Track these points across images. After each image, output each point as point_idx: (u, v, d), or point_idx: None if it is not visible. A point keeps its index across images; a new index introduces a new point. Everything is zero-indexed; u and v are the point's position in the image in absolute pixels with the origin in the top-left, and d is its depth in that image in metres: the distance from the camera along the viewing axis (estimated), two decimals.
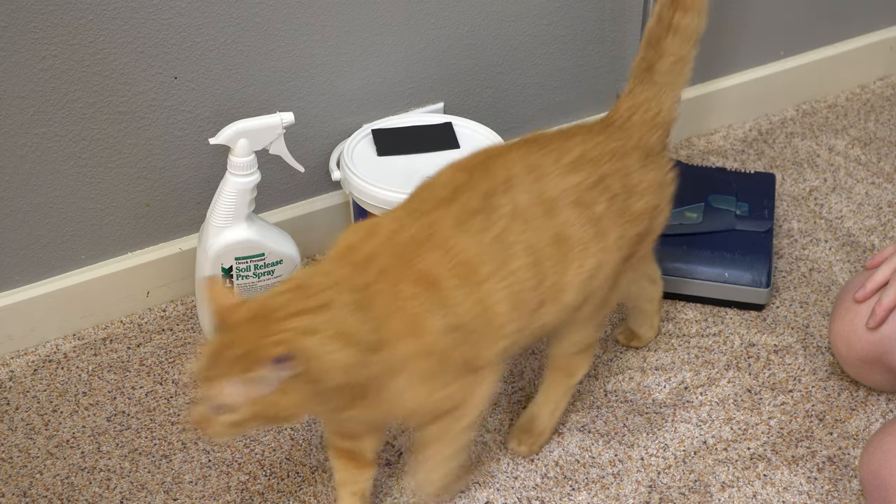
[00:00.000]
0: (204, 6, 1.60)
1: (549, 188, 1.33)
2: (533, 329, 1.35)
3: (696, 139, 2.09)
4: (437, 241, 1.28)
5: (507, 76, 1.87)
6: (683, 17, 1.41)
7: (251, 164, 1.60)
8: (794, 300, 1.77)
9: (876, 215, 1.92)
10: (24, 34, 1.50)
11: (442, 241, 1.28)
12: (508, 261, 1.30)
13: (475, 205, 1.31)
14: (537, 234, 1.32)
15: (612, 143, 1.40)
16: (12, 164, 1.58)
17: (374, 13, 1.72)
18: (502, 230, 1.30)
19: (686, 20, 1.42)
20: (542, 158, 1.35)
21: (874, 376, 1.59)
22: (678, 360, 1.68)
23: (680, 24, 1.41)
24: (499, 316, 1.30)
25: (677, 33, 1.42)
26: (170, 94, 1.63)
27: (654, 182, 1.42)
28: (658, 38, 1.42)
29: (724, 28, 2.03)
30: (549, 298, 1.33)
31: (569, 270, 1.33)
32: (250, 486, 1.51)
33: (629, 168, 1.39)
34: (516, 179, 1.33)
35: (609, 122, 1.43)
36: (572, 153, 1.36)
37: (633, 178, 1.39)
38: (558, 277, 1.33)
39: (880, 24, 2.20)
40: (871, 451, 1.39)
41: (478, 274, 1.28)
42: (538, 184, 1.33)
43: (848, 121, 2.13)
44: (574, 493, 1.51)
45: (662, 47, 1.43)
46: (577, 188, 1.34)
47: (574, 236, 1.33)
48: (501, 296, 1.29)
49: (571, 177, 1.35)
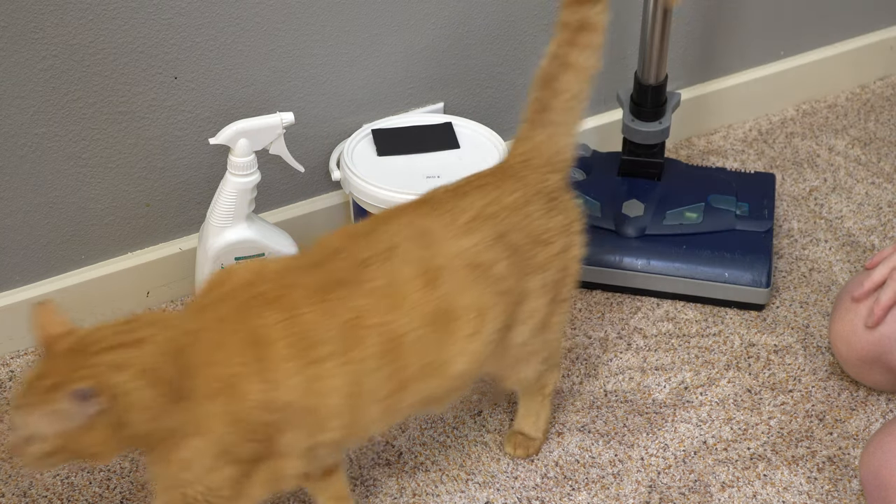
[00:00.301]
0: (204, 6, 1.60)
1: (439, 255, 1.27)
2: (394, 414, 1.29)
3: (696, 139, 2.09)
4: (284, 304, 1.21)
5: (507, 76, 1.87)
6: (580, 55, 1.36)
7: (251, 164, 1.60)
8: (794, 300, 1.77)
9: (876, 215, 1.93)
10: (24, 34, 1.50)
11: (290, 305, 1.21)
12: (357, 346, 1.22)
13: (342, 275, 1.24)
14: (407, 315, 1.24)
15: (511, 195, 1.33)
16: (12, 164, 1.58)
17: (374, 13, 1.72)
18: (361, 309, 1.22)
19: (582, 58, 1.36)
20: (434, 222, 1.29)
21: (874, 376, 1.59)
22: (678, 360, 1.68)
23: (576, 62, 1.36)
24: (327, 408, 1.22)
25: (573, 70, 1.36)
26: (170, 94, 1.63)
27: (561, 226, 1.36)
28: (553, 77, 1.37)
29: (724, 28, 2.03)
30: (419, 380, 1.26)
31: (454, 343, 1.27)
32: None
33: (532, 217, 1.34)
34: (400, 249, 1.26)
35: (505, 171, 1.37)
36: (467, 213, 1.30)
37: (537, 226, 1.34)
38: (436, 355, 1.26)
39: (880, 24, 2.20)
40: (871, 451, 1.39)
41: (316, 352, 1.20)
42: (426, 251, 1.27)
43: (848, 121, 2.13)
44: (574, 493, 1.51)
45: (557, 85, 1.37)
46: (473, 250, 1.28)
47: (463, 304, 1.26)
48: (337, 384, 1.21)
49: (466, 239, 1.28)
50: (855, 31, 2.17)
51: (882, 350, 1.54)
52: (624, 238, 1.77)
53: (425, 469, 1.53)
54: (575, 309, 1.75)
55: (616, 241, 1.76)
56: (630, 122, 1.81)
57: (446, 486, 1.52)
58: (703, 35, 2.02)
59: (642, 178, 1.84)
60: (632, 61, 1.88)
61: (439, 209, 1.30)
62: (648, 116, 1.80)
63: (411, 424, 1.58)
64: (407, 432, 1.57)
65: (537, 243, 1.34)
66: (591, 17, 1.34)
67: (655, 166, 1.83)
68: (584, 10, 1.34)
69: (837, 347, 1.59)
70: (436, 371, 1.27)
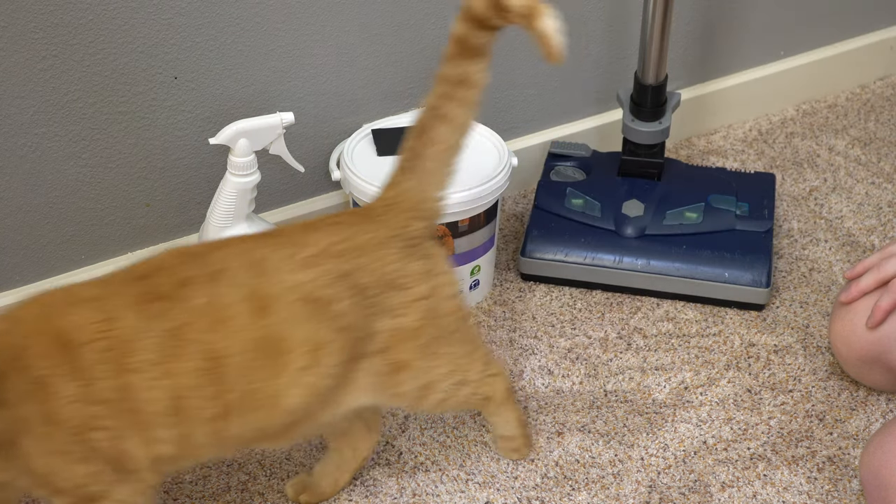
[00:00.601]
0: (204, 6, 1.60)
1: (271, 284, 1.25)
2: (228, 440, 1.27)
3: (696, 139, 2.09)
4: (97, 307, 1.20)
5: (506, 76, 1.87)
6: (456, 109, 1.33)
7: (251, 164, 1.60)
8: (794, 300, 1.77)
9: (876, 215, 1.93)
10: (24, 34, 1.50)
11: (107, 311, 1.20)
12: (176, 359, 1.21)
13: (164, 291, 1.22)
14: (231, 337, 1.23)
15: (365, 235, 1.31)
16: (12, 164, 1.58)
17: (374, 13, 1.72)
18: (182, 324, 1.21)
19: (458, 112, 1.34)
20: (273, 253, 1.27)
21: (874, 376, 1.59)
22: (678, 360, 1.68)
23: (452, 115, 1.34)
24: (149, 415, 1.21)
25: (448, 123, 1.34)
26: (170, 94, 1.63)
27: (420, 272, 1.33)
28: (428, 128, 1.35)
29: (724, 28, 2.03)
30: (248, 408, 1.25)
31: (285, 375, 1.25)
32: (250, 486, 1.51)
33: (385, 260, 1.31)
34: (228, 273, 1.24)
35: (365, 213, 1.35)
36: (311, 248, 1.28)
37: (391, 270, 1.32)
38: (264, 384, 1.25)
39: (880, 24, 2.20)
40: (871, 451, 1.39)
41: (131, 358, 1.19)
42: (257, 280, 1.25)
43: (848, 121, 2.13)
44: (574, 493, 1.51)
45: (431, 136, 1.35)
46: (311, 285, 1.26)
47: (296, 337, 1.25)
48: (157, 394, 1.21)
49: (304, 273, 1.26)
50: (855, 31, 2.17)
51: (882, 350, 1.54)
52: (624, 238, 1.77)
53: (425, 469, 1.53)
54: (575, 309, 1.75)
55: (616, 241, 1.77)
56: (630, 122, 1.81)
57: (446, 486, 1.52)
58: (703, 35, 2.02)
59: (642, 178, 1.84)
60: (632, 61, 1.88)
61: (282, 241, 1.29)
62: (648, 116, 1.80)
63: (411, 424, 1.58)
64: (407, 432, 1.57)
65: (390, 287, 1.31)
66: (471, 73, 1.32)
67: (655, 166, 1.83)
68: (465, 66, 1.32)
69: (837, 347, 1.59)
70: (266, 402, 1.25)
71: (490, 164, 1.71)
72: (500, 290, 1.78)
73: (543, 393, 1.63)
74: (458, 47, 1.31)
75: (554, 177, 1.85)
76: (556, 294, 1.78)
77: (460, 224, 1.67)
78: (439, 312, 1.36)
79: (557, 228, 1.78)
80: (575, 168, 1.87)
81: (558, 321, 1.73)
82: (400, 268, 1.32)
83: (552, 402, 1.62)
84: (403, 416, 1.59)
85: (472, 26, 1.29)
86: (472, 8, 1.28)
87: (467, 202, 1.65)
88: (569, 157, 1.88)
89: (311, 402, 1.29)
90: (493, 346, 1.69)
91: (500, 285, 1.79)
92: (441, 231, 1.66)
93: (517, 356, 1.68)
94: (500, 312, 1.75)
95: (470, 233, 1.69)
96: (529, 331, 1.72)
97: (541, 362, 1.67)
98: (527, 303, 1.76)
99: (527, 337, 1.71)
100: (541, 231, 1.78)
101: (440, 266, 1.36)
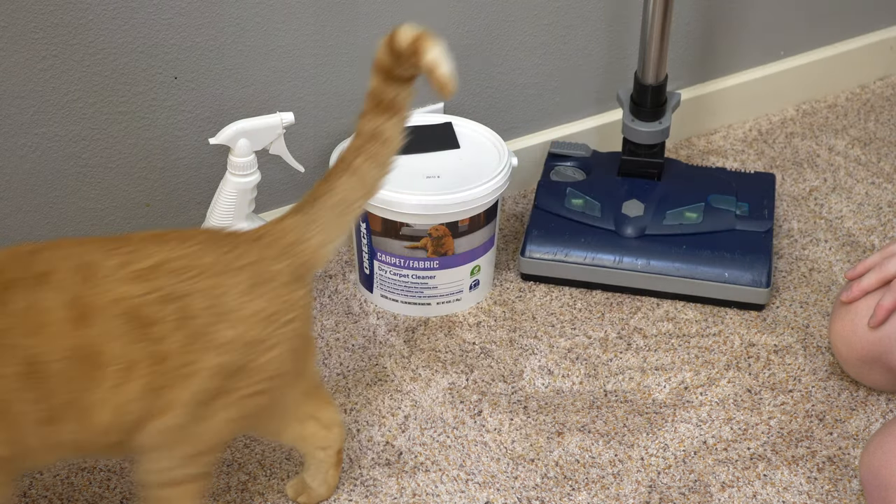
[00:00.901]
0: (204, 6, 1.60)
1: (96, 294, 1.19)
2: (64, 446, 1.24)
3: (696, 139, 2.09)
4: None
5: (507, 76, 1.88)
6: (364, 163, 1.31)
7: (251, 164, 1.60)
8: (794, 300, 1.77)
9: (876, 215, 1.93)
10: (24, 34, 1.50)
11: None
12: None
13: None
14: (48, 343, 1.18)
15: (209, 256, 1.23)
16: (12, 164, 1.58)
17: (374, 13, 1.72)
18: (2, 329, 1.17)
19: (366, 166, 1.31)
20: (105, 260, 1.21)
21: (874, 376, 1.59)
22: (678, 360, 1.68)
23: (359, 169, 1.31)
24: None
25: (354, 176, 1.31)
26: (170, 94, 1.63)
27: (258, 312, 1.24)
28: (334, 176, 1.32)
29: (724, 28, 2.03)
30: (69, 417, 1.21)
31: (97, 389, 1.20)
32: (250, 486, 1.51)
33: (225, 291, 1.23)
34: (54, 277, 1.19)
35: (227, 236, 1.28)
36: (147, 260, 1.21)
37: (227, 301, 1.23)
38: (78, 395, 1.20)
39: (880, 24, 2.20)
40: (871, 451, 1.39)
41: None
42: (82, 286, 1.19)
43: (848, 121, 2.13)
44: (574, 493, 1.51)
45: (334, 185, 1.31)
46: (138, 300, 1.20)
47: (111, 353, 1.19)
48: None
49: (132, 286, 1.20)
50: (855, 31, 2.17)
51: (882, 350, 1.54)
52: (624, 238, 1.77)
53: (425, 469, 1.53)
54: (575, 309, 1.75)
55: (616, 241, 1.77)
56: (630, 122, 1.81)
57: (446, 486, 1.52)
58: (703, 35, 2.02)
59: (642, 178, 1.84)
60: (632, 61, 1.88)
61: (119, 248, 1.23)
62: (648, 116, 1.80)
63: (411, 424, 1.58)
64: (407, 432, 1.57)
65: (222, 321, 1.23)
66: (384, 128, 1.30)
67: (655, 166, 1.83)
68: (378, 121, 1.30)
69: (837, 347, 1.59)
70: (79, 414, 1.21)
71: (490, 164, 1.71)
72: (500, 290, 1.79)
73: (543, 393, 1.63)
74: (371, 102, 1.30)
75: (554, 177, 1.85)
76: (556, 294, 1.78)
77: (460, 224, 1.67)
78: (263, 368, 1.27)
79: (557, 228, 1.78)
80: (575, 168, 1.87)
81: (558, 321, 1.73)
82: (238, 303, 1.24)
83: (552, 402, 1.62)
84: (403, 416, 1.59)
85: (382, 80, 1.28)
86: (378, 59, 1.27)
87: (467, 202, 1.65)
88: (569, 157, 1.88)
89: (121, 423, 1.23)
90: (494, 346, 1.69)
91: (500, 285, 1.79)
92: (441, 231, 1.67)
93: (517, 356, 1.68)
94: (500, 312, 1.75)
95: (470, 233, 1.69)
96: (529, 331, 1.72)
97: (541, 362, 1.67)
98: (527, 303, 1.76)
99: (527, 337, 1.71)
100: (541, 231, 1.78)
101: (288, 319, 1.27)
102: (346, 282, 1.79)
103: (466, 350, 1.69)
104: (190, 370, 1.23)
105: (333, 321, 1.72)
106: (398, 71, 1.27)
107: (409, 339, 1.70)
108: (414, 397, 1.62)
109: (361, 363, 1.66)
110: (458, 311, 1.75)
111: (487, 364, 1.67)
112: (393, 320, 1.73)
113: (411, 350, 1.68)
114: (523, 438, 1.57)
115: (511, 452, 1.55)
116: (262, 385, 1.28)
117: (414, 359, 1.67)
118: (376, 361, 1.67)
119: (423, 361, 1.67)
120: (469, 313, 1.74)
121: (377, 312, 1.74)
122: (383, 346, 1.69)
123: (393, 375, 1.65)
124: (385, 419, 1.59)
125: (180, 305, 1.21)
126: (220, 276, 1.23)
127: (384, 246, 1.69)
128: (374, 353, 1.68)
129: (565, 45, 1.90)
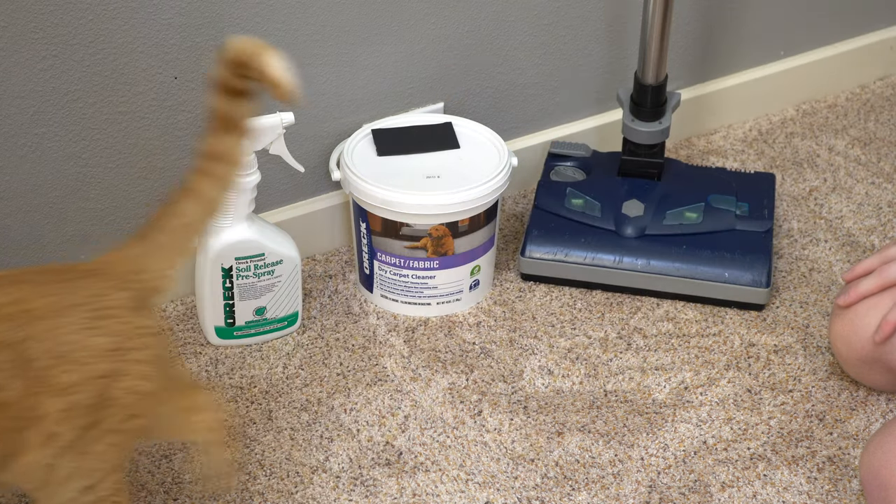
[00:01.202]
0: (204, 6, 1.60)
1: None
2: None
3: (696, 139, 2.09)
4: None
5: (507, 76, 1.88)
6: (204, 184, 1.27)
7: (251, 164, 1.60)
8: (794, 300, 1.77)
9: (876, 215, 1.93)
10: (24, 34, 1.50)
11: None
12: None
13: None
14: None
15: (43, 299, 1.18)
16: (12, 164, 1.58)
17: (374, 13, 1.72)
18: None
19: (207, 187, 1.27)
20: None
21: (874, 376, 1.59)
22: (678, 360, 1.68)
23: (200, 190, 1.27)
24: None
25: (194, 198, 1.27)
26: (170, 94, 1.63)
27: (104, 348, 1.19)
28: (174, 200, 1.27)
29: (724, 28, 2.03)
30: None
31: None
32: (250, 486, 1.51)
33: (63, 329, 1.17)
34: None
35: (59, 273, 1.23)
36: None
37: (67, 341, 1.17)
38: None
39: (880, 24, 2.20)
40: (871, 451, 1.39)
41: None
42: None
43: (848, 121, 2.13)
44: (574, 493, 1.51)
45: (175, 208, 1.27)
46: None
47: None
48: None
49: None
50: (855, 31, 2.17)
51: (882, 350, 1.54)
52: (624, 238, 1.77)
53: (425, 469, 1.53)
54: (575, 309, 1.75)
55: (616, 241, 1.77)
56: (630, 122, 1.81)
57: (446, 486, 1.52)
58: (703, 35, 2.02)
59: (642, 178, 1.84)
60: (632, 61, 1.88)
61: None
62: (648, 116, 1.80)
63: (411, 424, 1.58)
64: (407, 432, 1.57)
65: (64, 360, 1.17)
66: (227, 148, 1.27)
67: (655, 166, 1.83)
68: (218, 140, 1.27)
69: (837, 347, 1.59)
70: None
71: (490, 164, 1.71)
72: (500, 290, 1.79)
73: (543, 393, 1.63)
74: (210, 122, 1.27)
75: (554, 177, 1.85)
76: (556, 294, 1.78)
77: (460, 224, 1.67)
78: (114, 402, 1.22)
79: (557, 228, 1.78)
80: (575, 168, 1.87)
81: (558, 321, 1.73)
82: (79, 340, 1.18)
83: (552, 402, 1.62)
84: (403, 416, 1.59)
85: (224, 96, 1.25)
86: (215, 77, 1.24)
87: (467, 202, 1.65)
88: (569, 157, 1.88)
89: None
90: (494, 346, 1.69)
91: (500, 285, 1.79)
92: (441, 231, 1.67)
93: (517, 356, 1.68)
94: (500, 312, 1.75)
95: (470, 233, 1.69)
96: (529, 331, 1.72)
97: (541, 362, 1.67)
98: (527, 303, 1.76)
99: (527, 337, 1.71)
100: (541, 231, 1.78)
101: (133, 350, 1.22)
102: (346, 282, 1.79)
103: (466, 350, 1.69)
104: (35, 414, 1.17)
105: (333, 321, 1.72)
106: (235, 83, 1.24)
107: (409, 339, 1.70)
108: (414, 397, 1.62)
109: (361, 363, 1.66)
110: (458, 311, 1.75)
111: (487, 364, 1.67)
112: (393, 320, 1.73)
113: (411, 350, 1.68)
114: (523, 438, 1.57)
115: (511, 452, 1.55)
116: (130, 410, 1.24)
117: (414, 359, 1.67)
118: (376, 361, 1.67)
119: (423, 361, 1.67)
120: (469, 313, 1.74)
121: (377, 312, 1.74)
122: (383, 346, 1.69)
123: (393, 375, 1.65)
124: (385, 419, 1.59)
125: (16, 352, 1.16)
126: (54, 318, 1.18)
127: (384, 246, 1.69)
128: (374, 353, 1.68)
129: (565, 45, 1.90)
